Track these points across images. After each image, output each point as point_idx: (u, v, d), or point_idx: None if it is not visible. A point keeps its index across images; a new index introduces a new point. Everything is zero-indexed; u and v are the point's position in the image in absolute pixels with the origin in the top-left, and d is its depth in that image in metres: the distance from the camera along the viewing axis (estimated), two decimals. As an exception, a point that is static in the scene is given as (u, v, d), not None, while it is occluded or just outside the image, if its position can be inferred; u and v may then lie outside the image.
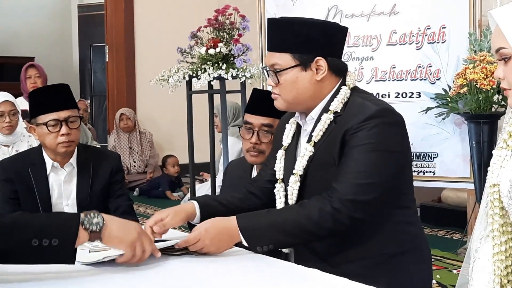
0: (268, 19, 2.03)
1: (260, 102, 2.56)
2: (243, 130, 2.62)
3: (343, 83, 2.01)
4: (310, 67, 1.96)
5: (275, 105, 2.06)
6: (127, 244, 1.74)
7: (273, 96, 2.04)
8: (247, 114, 2.62)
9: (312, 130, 1.99)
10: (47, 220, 1.70)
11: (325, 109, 1.98)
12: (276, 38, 1.99)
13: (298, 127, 2.11)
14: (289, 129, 2.13)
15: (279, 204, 2.10)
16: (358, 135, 1.89)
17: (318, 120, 1.98)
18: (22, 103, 5.03)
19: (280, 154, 2.12)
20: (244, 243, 1.87)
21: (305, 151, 1.98)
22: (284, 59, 1.96)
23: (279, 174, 2.11)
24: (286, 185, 2.07)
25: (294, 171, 2.00)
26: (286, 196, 2.08)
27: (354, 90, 2.02)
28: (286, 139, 2.12)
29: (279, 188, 2.11)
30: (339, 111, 1.96)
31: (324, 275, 1.65)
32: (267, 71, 2.03)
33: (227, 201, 2.17)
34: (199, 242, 1.86)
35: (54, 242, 1.64)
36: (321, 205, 1.86)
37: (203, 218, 2.06)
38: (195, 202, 2.10)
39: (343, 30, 2.03)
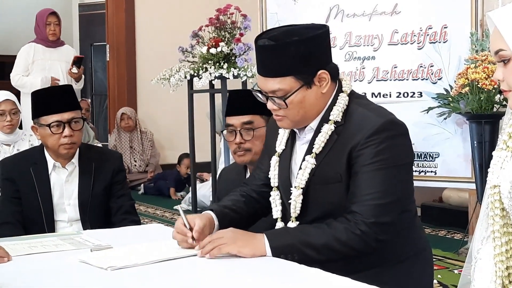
0: (259, 46, 1.92)
1: (237, 102, 2.55)
2: (226, 133, 2.61)
3: (340, 88, 1.98)
4: (314, 83, 1.90)
5: (280, 126, 2.02)
6: None
7: (276, 118, 1.98)
8: (227, 117, 2.60)
9: (313, 141, 1.95)
10: None
11: (325, 119, 1.94)
12: (272, 63, 1.89)
13: (292, 132, 2.06)
14: (283, 134, 2.08)
15: (276, 212, 2.06)
16: (366, 152, 1.86)
17: (317, 130, 1.95)
18: (32, 48, 5.82)
19: (274, 161, 2.08)
20: (268, 249, 1.82)
21: (306, 163, 1.94)
22: (287, 83, 1.88)
23: (274, 182, 2.07)
24: (283, 193, 2.05)
25: (296, 185, 1.97)
26: (282, 204, 2.06)
27: (352, 95, 1.98)
28: (280, 145, 2.08)
29: (274, 196, 2.07)
30: (339, 120, 1.93)
31: (326, 274, 1.65)
32: (266, 96, 1.94)
33: (236, 206, 2.13)
34: (215, 235, 1.85)
35: None
36: (349, 227, 1.84)
37: (221, 226, 2.03)
38: (211, 212, 2.05)
39: (328, 32, 1.97)
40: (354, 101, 1.97)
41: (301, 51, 1.87)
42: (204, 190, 6.09)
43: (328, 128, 1.92)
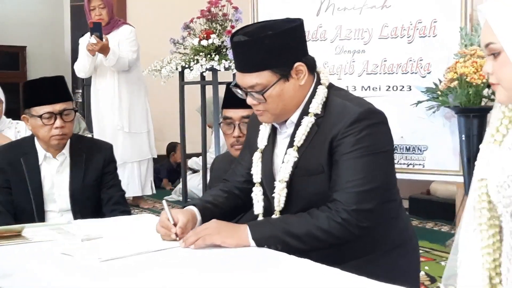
0: (235, 42, 1.93)
1: (236, 95, 2.56)
2: (223, 126, 2.61)
3: (318, 81, 2.00)
4: (291, 75, 1.93)
5: (261, 120, 2.04)
6: None
7: (257, 112, 2.00)
8: (225, 109, 2.60)
9: (294, 134, 1.97)
10: None
11: (305, 112, 1.96)
12: (248, 58, 1.91)
13: (273, 127, 2.08)
14: (264, 130, 2.10)
15: (258, 208, 2.07)
16: (346, 141, 1.88)
17: (298, 123, 1.97)
18: (88, 37, 5.34)
19: (257, 157, 2.09)
20: (251, 240, 1.85)
21: (289, 157, 1.96)
22: (264, 77, 1.90)
23: (257, 177, 2.08)
24: (267, 187, 2.06)
25: (279, 178, 1.98)
26: (265, 199, 2.06)
27: (330, 88, 2.00)
28: (262, 141, 2.09)
29: (257, 192, 2.08)
30: (319, 112, 1.95)
31: (315, 265, 1.66)
32: (245, 92, 1.96)
33: (217, 201, 2.14)
34: (200, 228, 1.87)
35: None
36: (330, 215, 1.86)
37: (203, 221, 2.03)
38: (194, 208, 2.06)
39: (302, 25, 1.98)
40: (333, 92, 1.99)
41: (275, 45, 1.89)
42: (196, 181, 6.11)
43: (308, 121, 1.95)
